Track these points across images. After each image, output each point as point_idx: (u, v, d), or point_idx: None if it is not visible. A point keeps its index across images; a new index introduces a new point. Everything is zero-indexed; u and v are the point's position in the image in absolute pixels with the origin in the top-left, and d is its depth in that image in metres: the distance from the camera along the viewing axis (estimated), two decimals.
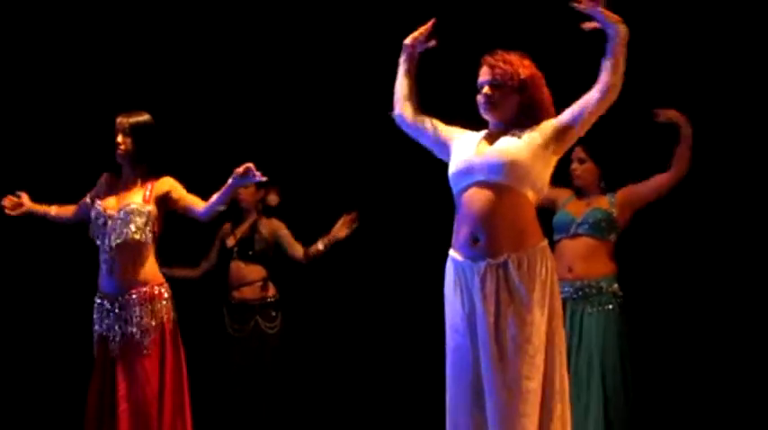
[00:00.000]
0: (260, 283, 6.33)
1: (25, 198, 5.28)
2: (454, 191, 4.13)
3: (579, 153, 5.57)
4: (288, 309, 6.42)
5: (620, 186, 5.61)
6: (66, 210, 5.28)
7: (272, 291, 6.36)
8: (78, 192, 5.24)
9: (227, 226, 6.43)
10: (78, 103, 6.64)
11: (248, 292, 6.32)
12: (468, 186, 4.04)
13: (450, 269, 4.12)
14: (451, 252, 4.12)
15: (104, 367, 4.93)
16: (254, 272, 6.35)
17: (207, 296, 6.36)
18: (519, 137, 4.03)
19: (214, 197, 4.97)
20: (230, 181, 4.87)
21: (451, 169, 4.13)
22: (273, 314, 6.32)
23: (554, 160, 4.09)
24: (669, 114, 5.47)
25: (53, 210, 5.29)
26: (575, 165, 5.60)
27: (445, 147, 4.24)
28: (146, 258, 4.98)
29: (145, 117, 5.06)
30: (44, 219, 5.31)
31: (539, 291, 3.96)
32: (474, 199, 4.02)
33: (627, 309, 5.51)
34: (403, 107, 4.36)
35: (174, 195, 5.03)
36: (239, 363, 6.30)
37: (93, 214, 5.05)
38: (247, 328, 6.30)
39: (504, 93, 4.06)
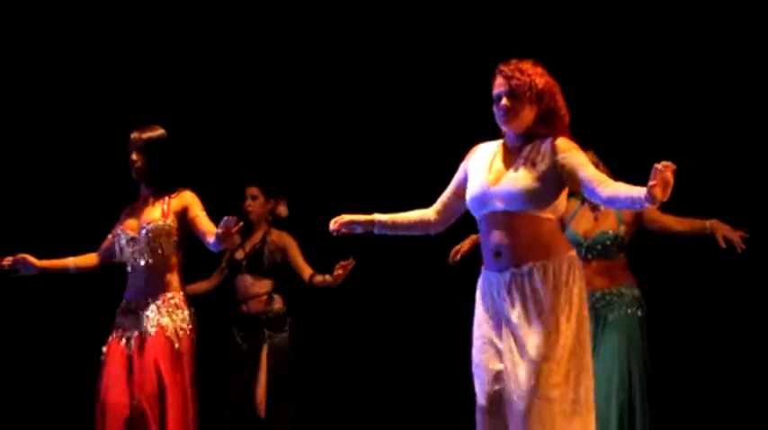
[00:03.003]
0: (265, 297, 6.30)
1: (30, 258, 5.03)
2: (474, 214, 4.12)
3: (591, 158, 5.53)
4: (299, 319, 6.39)
5: None
6: (89, 260, 5.16)
7: (278, 304, 6.32)
8: (97, 234, 5.17)
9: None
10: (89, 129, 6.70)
11: (254, 305, 6.29)
12: (486, 214, 4.03)
13: (480, 281, 4.10)
14: (483, 268, 4.10)
15: (119, 365, 4.85)
16: (262, 285, 6.31)
17: (216, 309, 6.31)
18: (532, 163, 3.97)
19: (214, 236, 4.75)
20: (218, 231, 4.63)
21: (468, 194, 4.10)
22: (281, 326, 6.29)
23: (565, 184, 4.03)
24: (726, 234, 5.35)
25: (71, 263, 5.13)
26: None
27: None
28: (171, 270, 4.95)
29: (159, 132, 4.98)
30: (65, 274, 5.13)
31: (564, 300, 3.92)
32: (493, 226, 4.01)
33: (649, 315, 5.52)
34: (432, 223, 4.28)
35: (190, 214, 4.93)
36: (250, 376, 6.25)
37: (117, 240, 5.01)
38: (257, 341, 6.27)
39: (522, 103, 3.98)
